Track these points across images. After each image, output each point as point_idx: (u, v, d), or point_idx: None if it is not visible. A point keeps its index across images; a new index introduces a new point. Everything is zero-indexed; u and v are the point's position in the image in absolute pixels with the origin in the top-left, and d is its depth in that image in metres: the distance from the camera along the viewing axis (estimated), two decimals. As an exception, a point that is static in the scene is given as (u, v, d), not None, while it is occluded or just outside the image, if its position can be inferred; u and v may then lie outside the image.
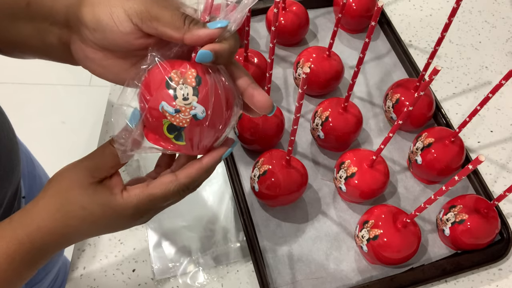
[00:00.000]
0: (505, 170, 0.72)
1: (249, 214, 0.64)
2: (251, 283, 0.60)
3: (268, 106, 0.39)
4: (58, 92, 1.79)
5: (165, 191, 0.39)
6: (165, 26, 0.35)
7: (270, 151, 0.62)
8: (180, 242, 0.63)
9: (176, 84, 0.36)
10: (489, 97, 0.58)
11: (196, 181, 0.41)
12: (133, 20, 0.35)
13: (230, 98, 0.38)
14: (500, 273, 0.63)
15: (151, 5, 0.35)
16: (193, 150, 0.39)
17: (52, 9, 0.39)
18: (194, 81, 0.36)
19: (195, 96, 0.36)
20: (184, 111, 0.36)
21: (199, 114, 0.36)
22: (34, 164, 0.76)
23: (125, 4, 0.35)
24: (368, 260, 0.62)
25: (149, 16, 0.35)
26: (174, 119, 0.36)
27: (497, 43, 0.86)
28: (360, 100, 0.76)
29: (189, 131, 0.37)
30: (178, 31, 0.35)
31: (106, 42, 0.37)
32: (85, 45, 0.38)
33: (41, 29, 0.41)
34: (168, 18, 0.35)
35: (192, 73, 0.36)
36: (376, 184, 0.62)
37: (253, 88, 0.39)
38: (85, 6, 0.37)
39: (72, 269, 0.60)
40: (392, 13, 0.89)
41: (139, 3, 0.35)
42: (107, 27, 0.36)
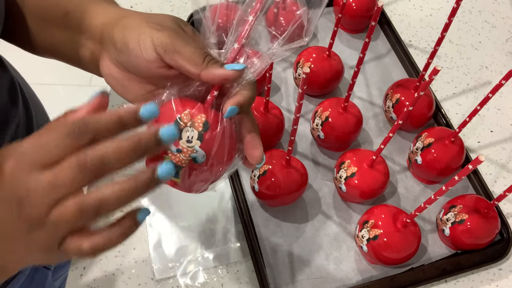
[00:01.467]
0: (505, 170, 0.72)
1: (249, 214, 0.64)
2: (251, 283, 0.60)
3: (256, 161, 0.40)
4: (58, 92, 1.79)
5: None
6: (185, 60, 0.37)
7: (270, 151, 0.62)
8: (180, 242, 0.63)
9: (184, 125, 0.37)
10: (489, 97, 0.58)
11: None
12: (157, 49, 0.37)
13: (233, 148, 0.39)
14: (500, 273, 0.63)
15: (176, 39, 0.37)
16: (186, 189, 0.39)
17: (90, 24, 0.42)
18: (201, 126, 0.37)
19: (198, 141, 0.37)
20: (186, 153, 0.37)
21: (199, 158, 0.37)
22: None
23: (154, 33, 0.37)
24: (368, 260, 0.62)
25: (172, 49, 0.37)
26: (174, 157, 0.37)
27: (497, 43, 0.86)
28: (360, 100, 0.76)
29: (186, 172, 0.38)
30: (196, 67, 0.37)
31: (129, 65, 0.39)
32: (111, 63, 0.41)
33: (75, 40, 0.43)
34: (189, 53, 0.37)
35: (201, 118, 0.37)
36: (376, 184, 0.62)
37: (252, 137, 0.40)
38: (118, 27, 0.39)
39: (72, 269, 0.60)
40: (392, 13, 0.89)
41: (166, 36, 0.37)
42: (132, 51, 0.38)
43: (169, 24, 0.39)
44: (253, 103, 0.65)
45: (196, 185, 0.39)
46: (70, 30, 0.44)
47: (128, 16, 0.40)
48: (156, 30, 0.38)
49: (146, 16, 0.40)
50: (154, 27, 0.38)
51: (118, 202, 0.32)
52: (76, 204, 0.31)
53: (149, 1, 0.87)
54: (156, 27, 0.38)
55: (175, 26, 0.39)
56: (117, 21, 0.40)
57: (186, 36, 0.39)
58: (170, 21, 0.40)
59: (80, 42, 0.43)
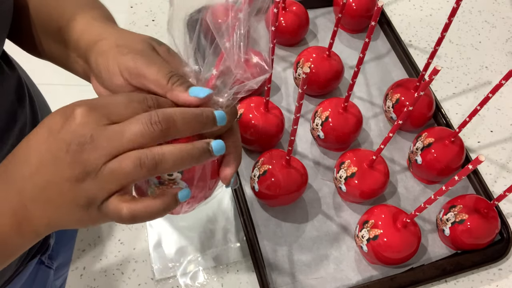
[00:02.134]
0: (505, 170, 0.72)
1: (249, 214, 0.63)
2: (251, 283, 0.60)
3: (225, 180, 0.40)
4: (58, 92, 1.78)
5: None
6: (150, 82, 0.36)
7: (270, 151, 0.62)
8: (180, 242, 0.63)
9: None
10: (489, 97, 0.58)
11: None
12: (123, 74, 0.37)
13: (216, 172, 0.39)
14: (500, 273, 0.63)
15: (140, 62, 0.37)
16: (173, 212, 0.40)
17: (77, 43, 0.42)
18: None
19: (179, 174, 0.37)
20: (167, 185, 0.37)
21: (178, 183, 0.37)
22: None
23: (119, 58, 0.37)
24: (368, 260, 0.62)
25: (136, 72, 0.36)
26: (157, 190, 0.37)
27: (497, 43, 0.86)
28: (360, 100, 0.76)
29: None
30: (161, 88, 0.36)
31: (108, 88, 0.39)
32: (98, 83, 0.41)
33: (69, 55, 0.44)
34: (153, 75, 0.36)
35: None
36: (376, 184, 0.62)
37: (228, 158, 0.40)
38: (93, 52, 0.39)
39: (72, 269, 0.60)
40: (392, 13, 0.89)
41: (130, 60, 0.37)
42: (104, 77, 0.38)
43: (138, 46, 0.38)
44: (253, 103, 0.66)
45: (183, 210, 0.40)
46: (64, 45, 0.44)
47: (103, 39, 0.40)
48: (122, 54, 0.37)
49: (118, 38, 0.39)
50: (121, 51, 0.38)
51: (174, 163, 0.33)
52: (136, 156, 0.32)
53: (149, 1, 0.87)
54: (122, 50, 0.37)
55: (144, 47, 0.39)
56: (94, 44, 0.40)
57: (153, 56, 0.38)
58: (141, 42, 0.39)
59: (74, 58, 0.44)
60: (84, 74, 0.44)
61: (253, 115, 0.65)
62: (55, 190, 0.32)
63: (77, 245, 0.62)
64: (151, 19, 0.84)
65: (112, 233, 0.63)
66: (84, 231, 0.63)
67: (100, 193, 0.32)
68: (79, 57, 0.43)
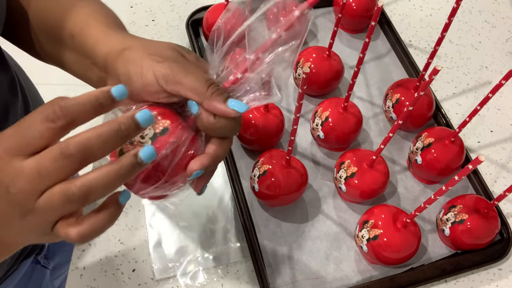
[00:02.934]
0: (505, 170, 0.72)
1: (249, 214, 0.63)
2: (251, 283, 0.60)
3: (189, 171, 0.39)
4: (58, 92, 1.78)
5: None
6: (187, 90, 0.37)
7: (270, 151, 0.62)
8: (180, 242, 0.63)
9: None
10: (489, 97, 0.58)
11: None
12: (159, 82, 0.37)
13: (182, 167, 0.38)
14: (500, 273, 0.63)
15: (177, 70, 0.37)
16: (130, 186, 0.39)
17: (93, 50, 0.42)
18: (160, 129, 0.38)
19: (150, 140, 0.37)
20: (135, 146, 0.37)
21: None
22: None
23: (155, 66, 0.37)
24: (368, 260, 0.62)
25: (174, 80, 0.37)
26: (125, 147, 0.38)
27: (497, 43, 0.86)
28: (360, 100, 0.76)
29: None
30: (199, 96, 0.37)
31: (133, 95, 0.39)
32: None
33: (83, 62, 0.44)
34: (191, 83, 0.37)
35: (165, 123, 0.38)
36: (376, 184, 0.62)
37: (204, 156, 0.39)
38: (120, 59, 0.39)
39: (72, 269, 0.60)
40: (392, 13, 0.89)
41: (167, 67, 0.37)
42: (136, 84, 0.38)
43: (169, 54, 0.39)
44: None
45: (138, 184, 0.39)
46: (77, 53, 0.44)
47: (130, 47, 0.40)
48: (157, 62, 0.38)
49: (147, 47, 0.40)
50: (155, 59, 0.38)
51: (104, 188, 0.32)
52: (61, 192, 0.31)
53: (149, 1, 0.87)
54: (157, 59, 0.38)
55: (175, 55, 0.39)
56: (119, 52, 0.40)
57: (188, 64, 0.39)
58: (171, 50, 0.40)
59: (88, 66, 0.44)
60: (98, 82, 0.44)
61: (253, 115, 0.65)
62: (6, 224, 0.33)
63: (77, 245, 0.62)
64: (151, 19, 0.84)
65: (112, 233, 0.63)
66: (84, 231, 0.63)
67: (45, 224, 0.32)
68: (94, 64, 0.43)
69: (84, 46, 0.43)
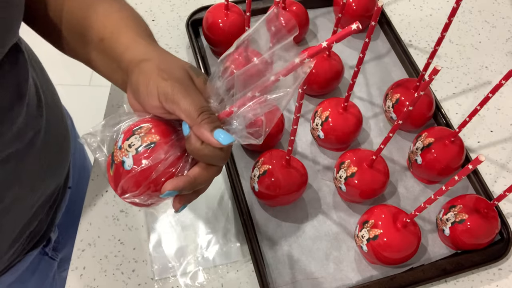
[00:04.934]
0: (505, 170, 0.72)
1: (249, 214, 0.63)
2: (251, 283, 0.60)
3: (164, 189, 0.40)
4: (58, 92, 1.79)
5: None
6: (181, 112, 0.39)
7: (270, 151, 0.62)
8: (180, 242, 0.63)
9: (138, 133, 0.41)
10: (489, 97, 0.58)
11: None
12: (160, 98, 0.40)
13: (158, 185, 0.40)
14: (500, 273, 0.63)
15: (178, 91, 0.39)
16: (114, 187, 0.42)
17: (121, 56, 0.45)
18: (147, 142, 0.40)
19: (135, 150, 0.40)
20: (122, 152, 0.40)
21: (126, 164, 0.40)
22: (85, 156, 0.81)
23: (159, 82, 0.40)
24: (368, 260, 0.62)
25: (172, 99, 0.39)
26: (115, 151, 0.41)
27: (497, 43, 0.86)
28: (360, 100, 0.76)
29: (116, 169, 0.41)
30: (191, 120, 0.39)
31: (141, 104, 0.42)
32: (131, 96, 0.44)
33: (111, 65, 0.47)
34: (186, 106, 0.39)
35: (153, 138, 0.40)
36: (376, 184, 0.62)
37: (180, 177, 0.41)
38: (136, 70, 0.42)
39: (72, 269, 0.60)
40: (392, 13, 0.89)
41: (170, 86, 0.39)
42: (141, 95, 0.41)
43: (177, 73, 0.41)
44: None
45: (120, 187, 0.41)
46: (105, 55, 0.47)
47: (147, 59, 0.42)
48: (163, 79, 0.40)
49: (161, 62, 0.42)
50: (162, 75, 0.40)
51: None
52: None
53: (149, 1, 0.87)
54: (164, 76, 0.40)
55: (183, 75, 0.41)
56: (138, 62, 0.43)
57: (190, 87, 0.40)
58: (181, 69, 0.42)
59: (114, 68, 0.47)
60: (122, 84, 0.47)
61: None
62: None
63: (77, 245, 0.62)
64: (151, 19, 0.84)
65: (112, 233, 0.63)
66: (84, 231, 0.63)
67: None
68: (119, 68, 0.46)
69: (112, 50, 0.46)
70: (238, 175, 0.67)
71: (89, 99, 1.72)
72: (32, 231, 0.61)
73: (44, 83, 0.59)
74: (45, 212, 0.63)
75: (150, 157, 0.39)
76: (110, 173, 0.42)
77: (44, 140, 0.55)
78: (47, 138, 0.56)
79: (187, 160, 0.41)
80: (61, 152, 0.62)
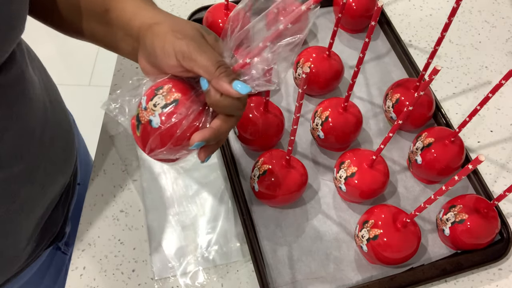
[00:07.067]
0: (505, 170, 0.72)
1: (249, 214, 0.64)
2: (251, 283, 0.60)
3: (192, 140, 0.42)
4: (58, 92, 1.79)
5: None
6: (199, 67, 0.41)
7: (270, 151, 0.62)
8: (180, 242, 0.63)
9: (161, 92, 0.42)
10: (489, 97, 0.58)
11: None
12: (177, 56, 0.42)
13: (185, 138, 0.42)
14: (500, 273, 0.63)
15: (193, 48, 0.41)
16: (143, 147, 0.44)
17: (128, 23, 0.47)
18: (170, 99, 0.42)
19: (160, 109, 0.42)
20: (148, 112, 0.42)
21: (153, 122, 0.42)
22: (88, 152, 0.82)
23: (175, 42, 0.42)
24: (368, 260, 0.62)
25: (189, 56, 0.41)
26: (141, 112, 0.43)
27: (497, 43, 0.86)
28: (360, 100, 0.76)
29: (143, 129, 0.43)
30: (208, 75, 0.41)
31: (158, 65, 0.44)
32: (145, 61, 0.46)
33: (116, 34, 0.49)
34: (203, 62, 0.41)
35: (175, 96, 0.42)
36: (376, 184, 0.62)
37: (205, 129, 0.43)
38: (149, 33, 0.44)
39: (72, 269, 0.60)
40: (392, 13, 0.89)
41: (186, 45, 0.41)
42: (158, 56, 0.43)
43: (190, 32, 0.43)
44: (253, 103, 0.66)
45: (148, 146, 0.43)
46: (110, 26, 0.48)
47: (159, 22, 0.44)
48: (178, 38, 0.42)
49: (173, 24, 0.44)
50: (176, 36, 0.42)
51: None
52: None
53: (149, 1, 0.87)
54: (178, 35, 0.42)
55: (196, 34, 0.43)
56: (149, 26, 0.44)
57: (204, 44, 0.42)
58: (193, 29, 0.44)
59: (121, 37, 0.48)
60: (132, 51, 0.48)
61: (253, 115, 0.65)
62: None
63: (77, 245, 0.62)
64: (151, 19, 0.84)
65: (112, 233, 0.63)
66: (84, 231, 0.63)
67: None
68: (128, 35, 0.47)
69: (119, 19, 0.47)
70: (238, 175, 0.67)
71: (89, 99, 1.73)
72: (48, 228, 0.62)
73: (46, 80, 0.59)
74: (59, 209, 0.63)
75: (175, 114, 0.41)
76: (136, 134, 0.44)
77: (51, 136, 0.56)
78: (53, 133, 0.57)
79: (208, 114, 0.43)
80: (67, 148, 0.63)
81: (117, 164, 0.69)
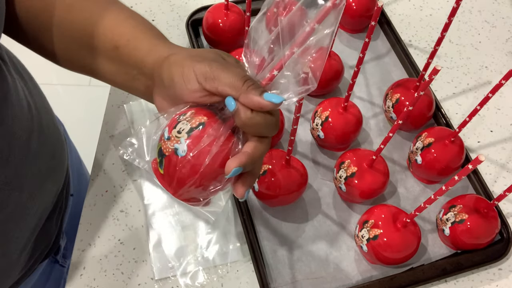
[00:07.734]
0: (505, 170, 0.72)
1: (249, 214, 0.63)
2: (251, 283, 0.60)
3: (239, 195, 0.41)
4: (58, 92, 1.79)
5: None
6: (225, 85, 0.38)
7: (270, 151, 0.62)
8: (180, 242, 0.63)
9: (184, 118, 0.39)
10: (489, 97, 0.58)
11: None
12: (199, 79, 0.39)
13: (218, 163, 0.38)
14: (500, 273, 0.63)
15: (216, 67, 0.39)
16: (168, 185, 0.39)
17: (142, 61, 0.44)
18: (196, 123, 0.38)
19: (186, 134, 0.38)
20: (172, 141, 0.38)
21: (180, 150, 0.38)
22: (81, 163, 0.80)
23: (195, 65, 0.39)
24: (368, 260, 0.62)
25: (212, 76, 0.38)
26: (163, 144, 0.39)
27: (497, 43, 0.86)
28: (360, 100, 0.76)
29: (167, 162, 0.38)
30: (236, 90, 0.38)
31: (177, 98, 0.41)
32: (162, 99, 0.43)
33: (129, 73, 0.46)
34: (228, 78, 0.38)
35: (201, 119, 0.38)
36: (376, 184, 0.62)
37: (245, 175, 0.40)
38: (165, 64, 0.42)
39: (72, 269, 0.60)
40: (392, 13, 0.89)
41: (206, 65, 0.39)
42: (177, 84, 0.40)
43: (210, 55, 0.41)
44: None
45: (175, 182, 0.39)
46: (122, 64, 0.46)
47: (175, 53, 0.42)
48: (197, 61, 0.39)
49: (189, 51, 0.42)
50: (195, 59, 0.40)
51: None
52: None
53: (149, 1, 0.87)
54: (197, 59, 0.40)
55: (215, 56, 0.41)
56: (165, 59, 0.42)
57: (226, 63, 0.40)
58: (212, 53, 0.42)
59: (133, 75, 0.46)
60: (145, 90, 0.46)
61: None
62: None
63: (77, 245, 0.62)
64: (151, 19, 0.84)
65: (112, 233, 0.63)
66: (84, 231, 0.63)
67: None
68: (141, 74, 0.45)
69: (131, 57, 0.45)
70: (238, 175, 0.67)
71: (89, 99, 1.73)
72: (41, 240, 0.61)
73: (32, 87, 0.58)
74: (52, 220, 0.62)
75: (203, 137, 0.37)
76: (160, 172, 0.40)
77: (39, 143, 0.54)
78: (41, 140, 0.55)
79: (239, 138, 0.39)
80: (56, 155, 0.61)
81: (117, 164, 0.69)
